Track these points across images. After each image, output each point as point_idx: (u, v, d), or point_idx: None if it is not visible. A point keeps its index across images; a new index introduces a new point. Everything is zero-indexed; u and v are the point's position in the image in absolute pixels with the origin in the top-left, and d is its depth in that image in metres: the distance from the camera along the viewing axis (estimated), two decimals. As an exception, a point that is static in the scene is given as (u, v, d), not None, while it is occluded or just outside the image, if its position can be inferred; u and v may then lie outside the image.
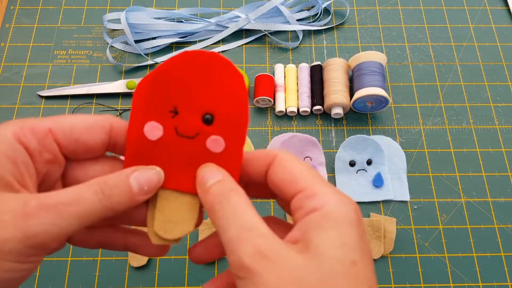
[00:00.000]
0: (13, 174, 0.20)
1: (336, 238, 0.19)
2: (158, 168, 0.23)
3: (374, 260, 0.46)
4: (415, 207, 0.49)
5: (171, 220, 0.23)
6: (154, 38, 0.58)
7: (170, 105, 0.23)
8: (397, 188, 0.50)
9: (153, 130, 0.23)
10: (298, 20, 0.60)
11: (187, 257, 0.46)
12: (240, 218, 0.20)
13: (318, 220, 0.20)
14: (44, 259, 0.45)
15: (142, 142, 0.23)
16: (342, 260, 0.19)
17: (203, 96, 0.23)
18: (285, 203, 0.24)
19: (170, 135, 0.23)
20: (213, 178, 0.22)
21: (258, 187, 0.24)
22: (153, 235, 0.23)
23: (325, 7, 0.61)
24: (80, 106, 0.54)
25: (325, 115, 0.54)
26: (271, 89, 0.54)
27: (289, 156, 0.23)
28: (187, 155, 0.23)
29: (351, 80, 0.55)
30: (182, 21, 0.59)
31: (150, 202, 0.24)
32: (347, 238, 0.19)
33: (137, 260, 0.45)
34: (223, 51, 0.58)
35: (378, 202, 0.49)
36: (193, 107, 0.23)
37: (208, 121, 0.23)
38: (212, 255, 0.26)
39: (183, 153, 0.23)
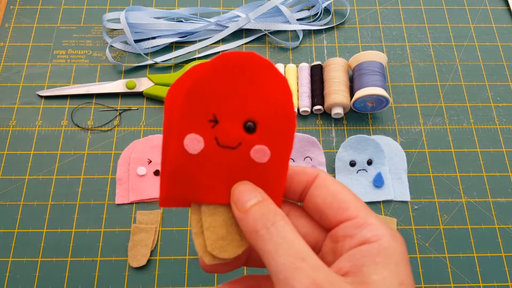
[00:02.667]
0: None
1: (394, 277, 0.19)
2: None
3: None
4: (416, 207, 0.49)
5: (224, 237, 0.21)
6: (153, 38, 0.58)
7: (209, 114, 0.21)
8: (398, 188, 0.50)
9: (194, 143, 0.21)
10: (298, 19, 0.60)
11: (187, 257, 0.46)
12: (293, 245, 0.19)
13: (373, 254, 0.19)
14: (43, 259, 0.45)
15: (182, 157, 0.21)
16: None
17: (244, 101, 0.21)
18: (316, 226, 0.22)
19: (211, 146, 0.21)
20: (252, 198, 0.21)
21: None
22: (207, 255, 0.21)
23: (325, 7, 0.61)
24: (80, 106, 0.54)
25: (325, 115, 0.54)
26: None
27: (331, 177, 0.22)
28: (230, 166, 0.21)
29: (351, 80, 0.54)
30: (182, 21, 0.59)
31: (193, 219, 0.22)
32: (405, 277, 0.19)
33: (136, 260, 0.45)
34: (223, 51, 0.58)
35: (379, 202, 0.49)
36: (234, 115, 0.21)
37: (250, 129, 0.21)
38: None
39: (226, 164, 0.21)
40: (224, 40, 0.59)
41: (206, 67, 0.21)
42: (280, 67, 0.56)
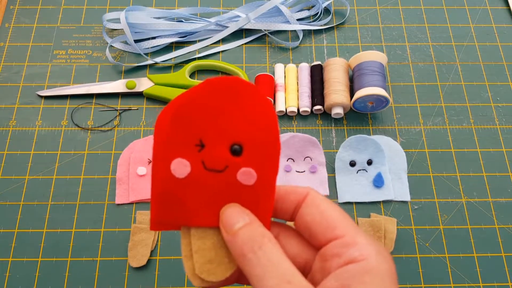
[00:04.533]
0: None
1: None
2: None
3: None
4: (416, 207, 0.49)
5: (212, 260, 0.22)
6: (153, 38, 0.58)
7: (195, 139, 0.21)
8: (398, 188, 0.50)
9: (181, 168, 0.21)
10: (298, 19, 0.60)
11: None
12: (279, 268, 0.19)
13: (360, 274, 0.19)
14: (43, 259, 0.45)
15: (169, 181, 0.21)
16: None
17: (229, 125, 0.21)
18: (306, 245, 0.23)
19: (198, 170, 0.22)
20: (240, 220, 0.21)
21: None
22: (195, 278, 0.22)
23: (325, 7, 0.61)
24: (80, 106, 0.54)
25: (326, 115, 0.54)
26: (271, 89, 0.54)
27: (321, 196, 0.22)
28: (218, 189, 0.22)
29: (351, 80, 0.54)
30: (182, 21, 0.59)
31: (182, 243, 0.22)
32: None
33: (136, 260, 0.45)
34: (223, 51, 0.58)
35: (379, 202, 0.49)
36: (220, 138, 0.22)
37: (236, 152, 0.22)
38: None
39: (213, 188, 0.22)
40: (224, 40, 0.59)
41: (191, 92, 0.21)
42: (280, 67, 0.56)
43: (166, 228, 0.23)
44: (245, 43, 0.59)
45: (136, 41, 0.57)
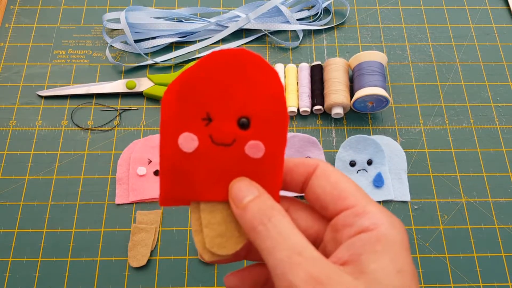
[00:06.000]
0: None
1: (392, 264, 0.18)
2: None
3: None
4: (416, 207, 0.49)
5: (222, 234, 0.21)
6: (153, 38, 0.58)
7: (202, 112, 0.21)
8: (398, 188, 0.50)
9: (188, 142, 0.21)
10: (298, 19, 0.60)
11: (187, 257, 0.46)
12: (288, 240, 0.19)
13: (371, 242, 0.19)
14: (43, 259, 0.45)
15: (177, 156, 0.21)
16: None
17: (236, 98, 0.21)
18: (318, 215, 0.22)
19: (206, 144, 0.21)
20: (249, 194, 0.21)
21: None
22: (206, 252, 0.22)
23: (325, 7, 0.61)
24: (80, 106, 0.54)
25: (325, 115, 0.54)
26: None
27: (332, 167, 0.22)
28: (226, 163, 0.22)
29: (351, 80, 0.54)
30: (182, 21, 0.59)
31: (192, 217, 0.22)
32: (403, 264, 0.19)
33: (137, 260, 0.45)
34: (223, 51, 0.58)
35: (379, 202, 0.49)
36: (227, 112, 0.21)
37: (244, 125, 0.21)
38: (246, 287, 0.24)
39: (221, 162, 0.22)
40: (224, 40, 0.59)
41: (196, 67, 0.21)
42: (280, 67, 0.56)
43: (176, 204, 0.23)
44: (245, 43, 0.59)
45: (136, 41, 0.57)
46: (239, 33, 0.59)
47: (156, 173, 0.49)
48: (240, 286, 0.24)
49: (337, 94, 0.51)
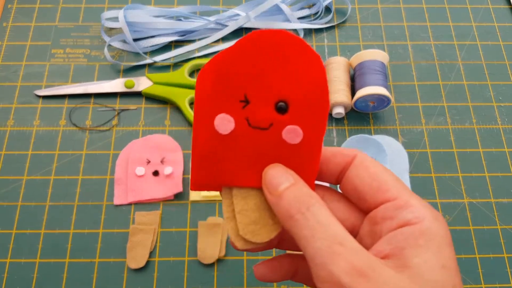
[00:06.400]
0: None
1: (437, 259, 0.18)
2: None
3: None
4: (417, 208, 0.49)
5: (256, 221, 0.21)
6: (152, 37, 0.57)
7: (239, 94, 0.21)
8: (399, 189, 0.49)
9: (224, 124, 0.21)
10: (298, 18, 0.59)
11: (186, 258, 0.46)
12: (329, 229, 0.18)
13: (415, 237, 0.18)
14: (41, 260, 0.45)
15: (213, 138, 0.21)
16: (444, 285, 0.18)
17: (274, 81, 0.20)
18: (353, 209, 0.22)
19: (243, 127, 0.21)
20: (284, 181, 0.20)
21: None
22: (239, 239, 0.21)
23: (326, 5, 0.60)
24: (78, 105, 0.53)
25: (326, 114, 0.54)
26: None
27: (371, 158, 0.22)
28: (262, 148, 0.21)
29: (352, 79, 0.54)
30: (181, 19, 0.59)
31: (224, 204, 0.22)
32: (447, 260, 0.18)
33: (135, 261, 0.45)
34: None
35: (380, 203, 0.49)
36: (265, 95, 0.21)
37: (282, 110, 0.21)
38: (276, 277, 0.24)
39: (257, 146, 0.21)
40: (224, 39, 0.58)
41: (235, 47, 0.20)
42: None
43: (207, 189, 0.22)
44: (245, 42, 0.58)
45: (135, 40, 0.56)
46: (239, 32, 0.58)
47: (155, 173, 0.49)
48: (270, 276, 0.24)
49: (338, 94, 0.51)
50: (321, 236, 0.18)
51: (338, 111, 0.51)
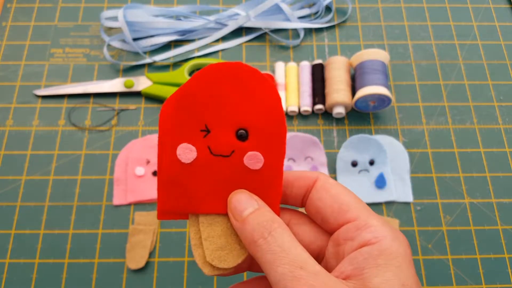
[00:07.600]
0: None
1: (396, 278, 0.18)
2: None
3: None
4: (418, 208, 0.49)
5: (223, 246, 0.21)
6: (152, 36, 0.57)
7: (200, 124, 0.22)
8: (400, 189, 0.49)
9: (186, 153, 0.21)
10: (299, 17, 0.59)
11: (186, 259, 0.46)
12: (290, 253, 0.19)
13: (374, 256, 0.19)
14: (40, 260, 0.45)
15: (176, 167, 0.21)
16: None
17: (233, 110, 0.21)
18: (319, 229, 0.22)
19: (204, 155, 0.22)
20: (249, 206, 0.21)
21: None
22: (206, 266, 0.21)
23: (326, 5, 0.60)
24: (77, 105, 0.53)
25: (327, 114, 0.53)
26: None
27: (333, 180, 0.22)
28: (225, 175, 0.22)
29: (353, 78, 0.54)
30: (181, 19, 0.58)
31: (191, 231, 0.22)
32: (407, 279, 0.18)
33: (135, 262, 0.45)
34: (222, 50, 0.57)
35: (381, 203, 0.49)
36: (225, 123, 0.22)
37: (242, 137, 0.22)
38: None
39: (220, 173, 0.22)
40: (223, 39, 0.58)
41: (194, 80, 0.21)
42: (280, 65, 0.55)
43: (174, 217, 0.22)
44: (245, 42, 0.58)
45: (134, 39, 0.56)
46: (239, 32, 0.58)
47: (154, 173, 0.49)
48: None
49: (338, 93, 0.50)
50: (282, 261, 0.19)
51: (339, 111, 0.51)
